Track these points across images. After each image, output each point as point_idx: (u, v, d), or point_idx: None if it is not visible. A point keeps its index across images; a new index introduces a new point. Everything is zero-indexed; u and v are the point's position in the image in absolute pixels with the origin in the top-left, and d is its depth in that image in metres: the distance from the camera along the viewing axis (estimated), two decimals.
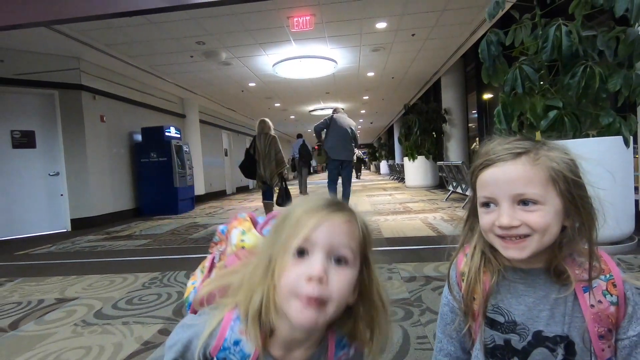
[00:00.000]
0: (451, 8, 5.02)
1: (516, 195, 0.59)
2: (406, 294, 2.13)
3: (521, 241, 0.59)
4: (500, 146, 0.63)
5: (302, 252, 0.54)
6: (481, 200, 0.63)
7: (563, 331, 0.61)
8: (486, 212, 0.63)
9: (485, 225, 0.63)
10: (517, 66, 2.88)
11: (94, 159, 6.11)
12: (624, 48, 2.78)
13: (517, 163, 0.60)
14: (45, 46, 5.37)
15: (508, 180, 0.60)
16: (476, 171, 0.65)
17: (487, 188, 0.62)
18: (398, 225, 4.39)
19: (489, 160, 0.63)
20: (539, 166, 0.59)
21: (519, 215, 0.59)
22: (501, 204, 0.60)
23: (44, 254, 4.04)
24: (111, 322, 1.96)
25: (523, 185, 0.59)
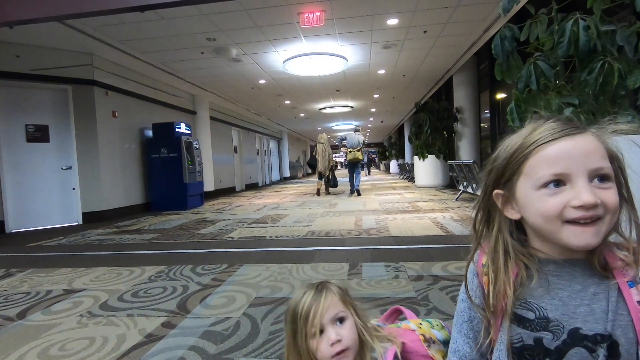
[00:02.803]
0: (464, 4, 4.93)
1: (594, 170, 0.53)
2: (412, 292, 2.08)
3: (594, 224, 0.53)
4: (555, 122, 0.57)
5: None
6: (544, 180, 0.55)
7: (605, 329, 0.54)
8: (552, 193, 0.54)
9: (553, 209, 0.54)
10: (532, 62, 2.80)
11: (105, 154, 6.19)
12: None
13: (586, 138, 0.55)
14: (60, 42, 5.45)
15: (584, 152, 0.53)
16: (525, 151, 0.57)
17: (558, 163, 0.54)
18: (406, 224, 4.33)
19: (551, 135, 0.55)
20: (603, 143, 0.55)
21: (596, 192, 0.53)
22: (576, 180, 0.53)
23: (55, 245, 4.10)
24: (116, 314, 1.97)
25: (599, 158, 0.53)
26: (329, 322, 0.79)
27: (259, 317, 1.85)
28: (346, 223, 4.58)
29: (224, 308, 1.98)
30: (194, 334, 1.69)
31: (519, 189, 0.59)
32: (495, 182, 0.62)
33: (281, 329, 1.69)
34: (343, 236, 3.81)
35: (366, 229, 4.11)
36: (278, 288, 2.26)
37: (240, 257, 3.11)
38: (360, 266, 2.65)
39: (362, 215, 5.17)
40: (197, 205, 7.54)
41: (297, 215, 5.49)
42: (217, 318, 1.86)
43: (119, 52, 5.99)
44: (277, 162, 19.71)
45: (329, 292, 0.83)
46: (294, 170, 21.75)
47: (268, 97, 10.52)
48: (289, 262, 2.87)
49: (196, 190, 7.53)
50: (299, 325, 0.80)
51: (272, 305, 1.98)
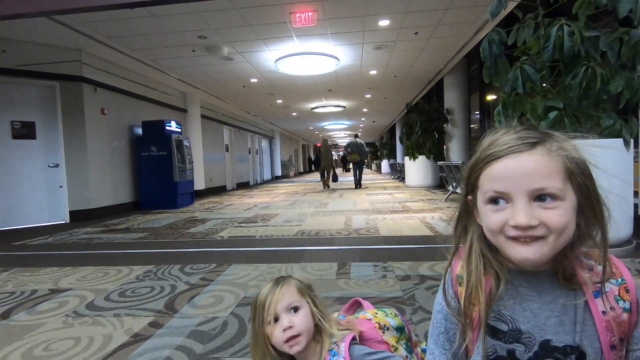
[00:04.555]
0: (455, 7, 4.98)
1: (535, 190, 0.52)
2: (399, 292, 2.11)
3: (535, 242, 0.53)
4: (509, 136, 0.57)
5: None
6: (488, 196, 0.56)
7: (574, 341, 0.55)
8: (495, 210, 0.56)
9: (494, 226, 0.56)
10: (519, 66, 2.86)
11: (94, 152, 6.11)
12: (627, 50, 2.74)
13: (533, 154, 0.54)
14: (47, 37, 5.36)
15: (525, 173, 0.53)
16: (480, 165, 0.58)
17: (499, 182, 0.55)
18: (396, 224, 4.37)
19: (498, 152, 0.56)
20: (556, 158, 0.54)
21: (536, 213, 0.52)
22: (516, 200, 0.53)
23: (40, 244, 4.04)
24: (102, 314, 1.96)
25: (542, 178, 0.52)
26: (283, 310, 0.87)
27: (247, 316, 1.85)
28: (336, 223, 4.61)
29: (211, 308, 1.99)
30: (181, 334, 1.69)
31: (477, 199, 0.60)
32: (466, 189, 0.64)
33: None
34: (333, 236, 3.83)
35: (356, 229, 4.14)
36: None
37: (229, 256, 3.11)
38: (349, 266, 2.67)
39: (352, 215, 5.20)
40: (187, 204, 7.49)
41: (288, 215, 5.50)
42: (204, 318, 1.86)
43: (108, 48, 5.91)
44: (269, 161, 19.66)
45: (285, 284, 0.90)
46: (286, 169, 21.71)
47: (260, 96, 10.49)
48: (278, 261, 2.88)
49: (186, 188, 7.48)
50: (257, 313, 0.89)
51: None
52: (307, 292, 0.92)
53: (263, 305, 0.88)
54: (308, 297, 0.92)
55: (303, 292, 0.92)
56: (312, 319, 0.90)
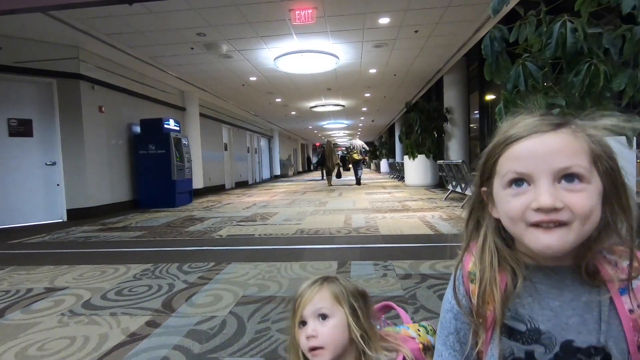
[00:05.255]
0: (455, 5, 4.95)
1: (560, 170, 0.49)
2: (400, 291, 2.08)
3: (559, 229, 0.49)
4: (531, 118, 0.54)
5: None
6: (509, 178, 0.52)
7: (599, 341, 0.51)
8: (515, 193, 0.51)
9: (515, 211, 0.51)
10: (521, 63, 2.83)
11: (91, 150, 6.07)
12: (630, 46, 2.72)
13: (558, 134, 0.50)
14: (45, 34, 5.31)
15: (549, 151, 0.50)
16: (499, 148, 0.54)
17: (521, 162, 0.51)
18: (396, 223, 4.34)
19: (520, 133, 0.52)
20: (581, 138, 0.50)
21: (561, 195, 0.49)
22: (539, 181, 0.50)
23: (37, 243, 4.00)
24: (98, 313, 1.92)
25: (568, 156, 0.49)
26: (310, 315, 0.78)
27: (246, 315, 1.82)
28: (336, 222, 4.58)
29: (210, 307, 1.96)
30: (179, 333, 1.66)
31: (494, 187, 0.56)
32: (481, 179, 0.60)
33: (267, 328, 1.67)
34: (332, 234, 3.80)
35: (355, 228, 4.11)
36: (266, 287, 2.24)
37: (228, 255, 3.07)
38: (349, 265, 2.65)
39: (352, 214, 5.17)
40: (185, 202, 7.45)
41: (287, 214, 5.46)
42: (202, 317, 1.83)
43: (106, 45, 5.87)
44: (268, 160, 19.61)
45: (323, 286, 0.80)
46: (285, 168, 21.67)
47: (259, 95, 10.45)
48: (278, 260, 2.85)
49: (185, 187, 7.44)
50: (292, 312, 0.81)
51: (259, 304, 1.96)
52: (346, 300, 0.79)
53: (294, 304, 0.80)
54: (347, 305, 0.78)
55: (340, 298, 0.78)
56: (347, 333, 0.77)
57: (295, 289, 0.84)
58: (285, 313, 1.84)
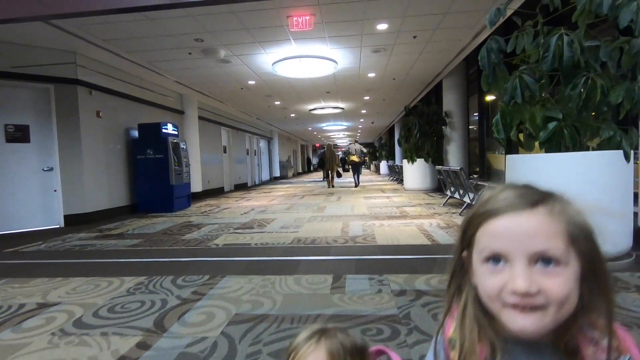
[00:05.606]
0: (454, 11, 4.93)
1: (535, 253, 0.48)
2: (395, 309, 2.07)
3: (535, 312, 0.48)
4: (509, 192, 0.53)
5: None
6: (485, 255, 0.52)
7: None
8: (492, 271, 0.51)
9: (491, 290, 0.51)
10: (518, 75, 2.81)
11: (89, 155, 6.05)
12: (628, 59, 2.70)
13: (535, 214, 0.50)
14: (42, 40, 5.30)
15: (526, 233, 0.49)
16: (477, 220, 0.54)
17: (497, 241, 0.51)
18: (393, 231, 4.33)
19: (497, 209, 0.52)
20: (559, 219, 0.50)
21: (537, 278, 0.48)
22: (514, 262, 0.49)
23: (33, 252, 3.98)
24: (89, 333, 1.91)
25: (544, 239, 0.48)
26: None
27: (237, 336, 1.81)
28: (333, 229, 4.56)
29: (201, 326, 1.94)
30: (169, 356, 1.64)
31: (473, 257, 0.55)
32: (461, 245, 0.59)
33: (259, 352, 1.66)
34: (329, 244, 3.78)
35: (352, 237, 4.09)
36: (259, 303, 2.22)
37: (223, 267, 3.06)
38: (344, 279, 2.63)
39: (350, 221, 5.15)
40: (183, 207, 7.44)
41: (285, 220, 5.45)
42: (194, 338, 1.81)
43: (103, 50, 5.85)
44: (267, 161, 19.60)
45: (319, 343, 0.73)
46: (284, 170, 21.65)
47: (258, 98, 10.43)
48: (273, 273, 2.83)
49: (183, 192, 7.43)
50: None
51: (251, 324, 1.94)
52: None
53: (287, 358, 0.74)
54: None
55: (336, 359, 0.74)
56: None
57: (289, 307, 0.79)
58: (277, 334, 1.82)
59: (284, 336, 1.79)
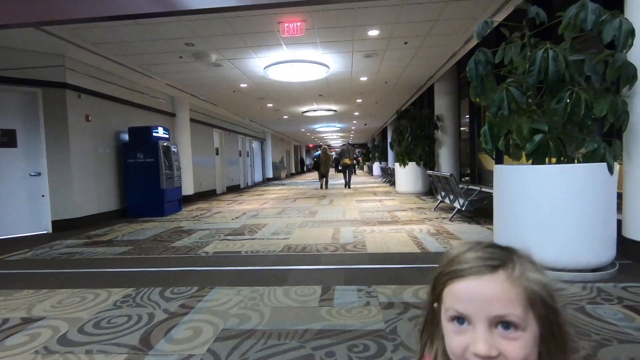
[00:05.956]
0: (444, 19, 4.97)
1: (495, 317, 0.51)
2: (382, 324, 2.08)
3: None
4: (473, 254, 0.56)
5: None
6: (450, 314, 0.55)
7: None
8: (457, 330, 0.54)
9: (456, 349, 0.54)
10: (504, 87, 2.84)
11: (78, 159, 5.98)
12: (612, 72, 2.75)
13: (495, 279, 0.53)
14: (29, 43, 5.22)
15: (486, 298, 0.52)
16: (443, 279, 0.56)
17: (460, 303, 0.54)
18: (383, 238, 4.35)
19: (461, 271, 0.55)
20: (518, 284, 0.52)
21: (497, 342, 0.51)
22: (476, 325, 0.52)
23: (19, 260, 3.92)
24: (74, 350, 1.89)
25: (504, 305, 0.51)
26: None
27: (224, 354, 1.80)
28: (324, 236, 4.56)
29: (188, 343, 1.93)
30: None
31: (441, 313, 0.57)
32: (432, 298, 0.60)
33: None
34: (319, 252, 3.79)
35: (343, 244, 4.10)
36: (247, 317, 2.22)
37: (212, 277, 3.04)
38: (333, 290, 2.64)
39: (341, 227, 5.16)
40: (174, 211, 7.38)
41: (276, 226, 5.44)
42: (180, 355, 1.80)
43: (93, 54, 5.78)
44: (260, 162, 19.54)
45: None
46: (277, 171, 21.61)
47: (250, 100, 10.39)
48: (262, 284, 2.83)
49: (174, 196, 7.38)
50: None
51: (238, 340, 1.94)
52: None
53: None
54: None
55: None
56: None
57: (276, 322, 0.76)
58: (264, 351, 1.82)
59: (270, 353, 1.79)
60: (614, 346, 1.76)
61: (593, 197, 2.64)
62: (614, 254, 2.78)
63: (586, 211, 2.63)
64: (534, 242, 2.76)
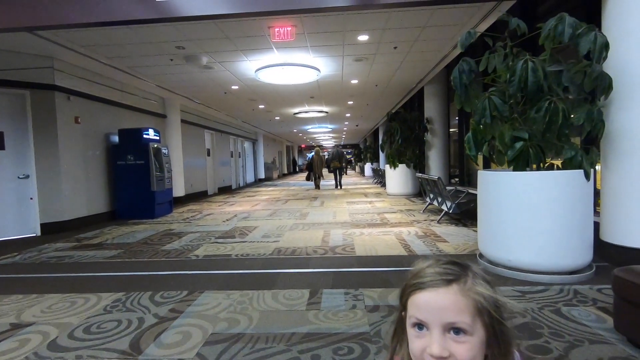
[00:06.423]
0: (432, 25, 5.07)
1: (447, 323, 0.60)
2: (367, 327, 2.15)
3: None
4: (432, 269, 0.65)
5: None
6: (412, 321, 0.63)
7: None
8: (417, 335, 0.63)
9: (416, 351, 0.62)
10: (487, 97, 2.94)
11: (67, 162, 5.95)
12: (589, 82, 2.86)
13: (449, 291, 0.61)
14: (17, 45, 5.18)
15: (441, 307, 0.61)
16: (408, 290, 0.65)
17: (420, 311, 0.63)
18: (372, 240, 4.42)
19: (421, 284, 0.64)
20: (468, 296, 0.61)
21: (449, 345, 0.59)
22: (432, 330, 0.61)
23: (6, 265, 3.91)
24: (64, 356, 1.92)
25: (454, 313, 0.60)
26: None
27: (212, 358, 1.85)
28: (313, 239, 4.62)
29: (177, 347, 1.97)
30: None
31: (406, 321, 0.65)
32: (401, 305, 0.68)
33: None
34: (309, 255, 3.85)
35: (332, 247, 4.17)
36: (236, 321, 2.27)
37: (202, 281, 3.08)
38: (321, 294, 2.70)
39: (331, 229, 5.23)
40: (165, 213, 7.37)
41: (266, 228, 5.48)
42: None
43: (82, 56, 5.76)
44: (252, 163, 19.52)
45: None
46: (269, 171, 21.60)
47: (242, 102, 10.41)
48: (251, 287, 2.88)
49: (164, 198, 7.37)
50: None
51: (227, 344, 1.99)
52: None
53: None
54: None
55: None
56: None
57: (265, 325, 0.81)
58: (252, 354, 1.88)
59: (257, 357, 1.84)
60: (584, 347, 1.85)
61: (570, 202, 2.75)
62: (591, 257, 2.90)
63: (564, 216, 2.74)
64: (515, 245, 2.86)
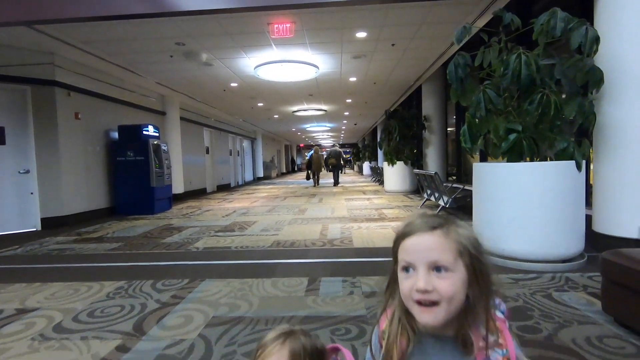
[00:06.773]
0: (429, 22, 5.14)
1: (432, 262, 0.66)
2: (363, 310, 2.21)
3: (433, 308, 0.66)
4: (420, 220, 0.72)
5: None
6: (402, 265, 0.70)
7: None
8: (406, 277, 0.69)
9: (405, 290, 0.68)
10: (482, 90, 3.01)
11: (67, 157, 5.99)
12: (582, 75, 2.94)
13: (433, 235, 0.68)
14: (18, 40, 5.23)
15: (425, 248, 0.67)
16: (399, 240, 0.72)
17: (408, 254, 0.69)
18: (370, 234, 4.49)
19: (410, 231, 0.71)
20: (450, 239, 0.68)
21: (433, 280, 0.66)
22: (418, 269, 0.67)
23: (9, 256, 3.96)
24: (70, 337, 1.97)
25: (438, 253, 0.66)
26: None
27: (214, 338, 1.91)
28: (312, 232, 4.69)
29: (180, 329, 2.03)
30: (147, 358, 1.73)
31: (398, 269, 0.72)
32: (394, 258, 0.74)
33: (233, 352, 1.77)
34: (307, 247, 3.91)
35: (330, 239, 4.23)
36: (236, 306, 2.33)
37: (202, 271, 3.14)
38: (319, 281, 2.76)
39: (329, 224, 5.29)
40: (164, 209, 7.42)
41: (266, 223, 5.54)
42: (172, 340, 1.90)
43: (82, 52, 5.80)
44: (251, 162, 19.57)
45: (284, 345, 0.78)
46: (268, 170, 21.65)
47: (241, 99, 10.46)
48: (251, 276, 2.94)
49: (164, 194, 7.41)
50: None
51: (228, 325, 2.05)
52: None
53: (255, 354, 0.79)
54: None
55: None
56: None
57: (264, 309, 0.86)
58: (252, 335, 1.94)
59: (258, 337, 1.90)
60: (573, 327, 1.92)
61: (563, 193, 2.82)
62: (582, 246, 2.97)
63: (556, 206, 2.81)
64: (508, 234, 2.93)
